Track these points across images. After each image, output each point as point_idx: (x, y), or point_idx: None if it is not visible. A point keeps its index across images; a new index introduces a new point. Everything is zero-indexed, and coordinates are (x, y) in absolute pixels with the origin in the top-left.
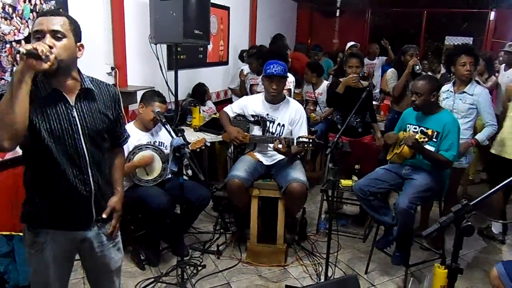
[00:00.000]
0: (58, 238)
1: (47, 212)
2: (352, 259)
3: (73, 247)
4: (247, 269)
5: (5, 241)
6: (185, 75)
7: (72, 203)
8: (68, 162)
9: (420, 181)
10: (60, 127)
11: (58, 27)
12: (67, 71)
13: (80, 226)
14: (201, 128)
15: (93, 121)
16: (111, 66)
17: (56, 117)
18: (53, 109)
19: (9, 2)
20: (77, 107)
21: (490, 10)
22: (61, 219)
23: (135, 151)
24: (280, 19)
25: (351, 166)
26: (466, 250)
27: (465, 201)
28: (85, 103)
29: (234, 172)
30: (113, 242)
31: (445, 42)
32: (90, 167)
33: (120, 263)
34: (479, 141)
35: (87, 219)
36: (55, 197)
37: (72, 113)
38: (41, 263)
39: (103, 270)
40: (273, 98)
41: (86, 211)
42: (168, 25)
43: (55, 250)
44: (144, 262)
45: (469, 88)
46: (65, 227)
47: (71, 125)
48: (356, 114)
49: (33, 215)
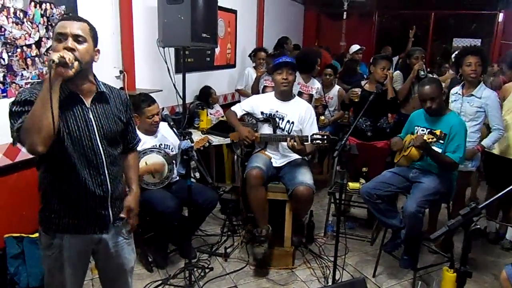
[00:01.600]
0: (75, 241)
1: (65, 216)
2: (359, 262)
3: (89, 249)
4: (254, 272)
5: (15, 243)
6: (193, 78)
7: (90, 204)
8: (85, 163)
9: (428, 184)
10: (77, 129)
11: (80, 31)
12: (85, 74)
13: (98, 228)
14: (208, 131)
15: (107, 122)
16: (120, 69)
17: (74, 118)
18: (70, 111)
19: (20, 7)
20: (92, 109)
21: (499, 11)
22: (79, 223)
23: (140, 155)
24: (287, 22)
25: (358, 169)
26: (475, 254)
27: (474, 204)
28: (100, 106)
29: (253, 164)
30: (127, 242)
31: (453, 44)
32: (107, 167)
33: (133, 263)
34: (486, 146)
35: (104, 221)
36: (74, 199)
37: (88, 114)
38: (57, 265)
39: (118, 270)
40: (284, 91)
41: (103, 213)
42: (176, 28)
43: (71, 252)
44: (152, 264)
45: (478, 91)
46: (83, 230)
47: (88, 126)
48: (366, 117)
49: (52, 219)
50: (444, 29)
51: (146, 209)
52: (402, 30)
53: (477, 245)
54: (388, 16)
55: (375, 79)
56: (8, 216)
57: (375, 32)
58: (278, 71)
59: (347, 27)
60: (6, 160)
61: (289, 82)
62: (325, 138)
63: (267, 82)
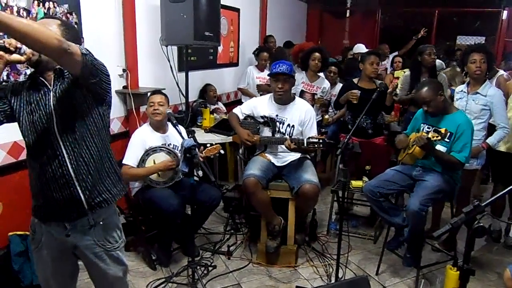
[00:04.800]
0: (50, 238)
1: (40, 202)
2: (362, 260)
3: (67, 250)
4: (257, 270)
5: (20, 241)
6: (195, 77)
7: (54, 187)
8: (43, 146)
9: (432, 183)
10: (36, 111)
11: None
12: (51, 65)
13: (72, 215)
14: (211, 129)
15: (63, 97)
16: (123, 68)
17: (35, 103)
18: (32, 96)
19: (24, 6)
20: (54, 90)
21: (503, 9)
22: (52, 210)
23: (149, 153)
24: (290, 20)
25: (361, 167)
26: (479, 252)
27: (477, 202)
28: (62, 83)
29: (249, 172)
30: (108, 253)
31: (457, 41)
32: (65, 148)
33: (120, 273)
34: (490, 145)
35: (77, 206)
36: (41, 183)
37: (48, 95)
38: (40, 260)
39: (102, 281)
40: (280, 98)
41: (72, 196)
42: (178, 27)
43: (51, 249)
44: (155, 262)
45: (483, 89)
46: (57, 217)
47: (46, 107)
48: (367, 115)
49: (34, 207)
50: (448, 27)
51: (150, 207)
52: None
53: (480, 243)
54: (392, 14)
55: (366, 75)
56: (12, 214)
57: (378, 30)
58: (274, 79)
59: (350, 25)
60: (10, 158)
61: (285, 90)
62: (321, 142)
63: (260, 79)
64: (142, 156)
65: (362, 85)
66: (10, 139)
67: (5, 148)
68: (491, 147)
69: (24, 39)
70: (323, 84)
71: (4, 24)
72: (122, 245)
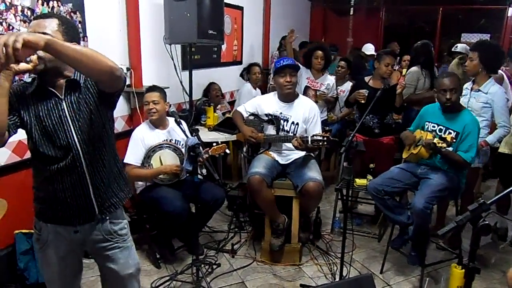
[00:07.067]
0: (57, 236)
1: (50, 206)
2: (367, 259)
3: (76, 248)
4: (261, 268)
5: (25, 239)
6: (199, 75)
7: (72, 196)
8: (61, 156)
9: (436, 181)
10: (51, 121)
11: (44, 29)
12: (58, 71)
13: (82, 219)
14: (215, 127)
15: (80, 110)
16: (127, 66)
17: (47, 112)
18: (43, 104)
19: (28, 5)
20: (66, 100)
21: (508, 6)
22: (63, 215)
23: (155, 149)
24: (294, 18)
25: (366, 165)
26: (484, 250)
27: (482, 200)
28: (75, 94)
29: (253, 170)
30: (121, 246)
31: (462, 39)
32: (84, 157)
33: (132, 269)
34: (490, 143)
35: (88, 212)
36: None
37: (61, 105)
38: (45, 259)
39: (112, 276)
40: (288, 94)
41: (85, 204)
42: (182, 25)
43: (58, 248)
44: (160, 261)
45: (485, 86)
46: (66, 221)
47: (61, 117)
48: (373, 114)
49: (38, 209)
50: (452, 24)
51: (154, 206)
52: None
53: (486, 241)
54: (396, 11)
55: (380, 74)
56: (17, 212)
57: (382, 28)
58: (281, 74)
59: (354, 23)
60: (15, 157)
61: (293, 84)
62: (325, 139)
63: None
64: (147, 152)
65: (373, 84)
66: (15, 138)
67: (10, 147)
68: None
69: (79, 67)
70: (327, 80)
71: (59, 52)
72: (132, 242)
